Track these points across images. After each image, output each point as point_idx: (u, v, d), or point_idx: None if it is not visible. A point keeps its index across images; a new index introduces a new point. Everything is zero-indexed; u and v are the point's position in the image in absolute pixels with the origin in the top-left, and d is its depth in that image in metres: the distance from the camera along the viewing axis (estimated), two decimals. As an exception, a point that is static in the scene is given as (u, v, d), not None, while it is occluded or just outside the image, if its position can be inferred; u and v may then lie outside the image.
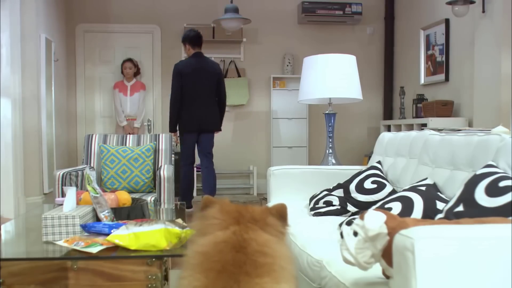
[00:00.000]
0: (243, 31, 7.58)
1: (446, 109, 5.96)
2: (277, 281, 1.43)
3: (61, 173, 3.74)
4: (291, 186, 3.66)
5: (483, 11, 5.22)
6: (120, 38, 7.62)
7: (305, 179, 3.67)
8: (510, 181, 1.93)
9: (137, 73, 7.19)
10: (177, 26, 7.65)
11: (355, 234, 1.68)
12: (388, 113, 7.91)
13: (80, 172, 3.93)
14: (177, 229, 1.88)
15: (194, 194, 7.42)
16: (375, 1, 8.00)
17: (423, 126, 5.96)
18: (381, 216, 1.65)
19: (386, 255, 1.65)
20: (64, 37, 7.33)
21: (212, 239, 1.57)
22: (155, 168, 4.22)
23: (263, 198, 7.08)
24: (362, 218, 1.68)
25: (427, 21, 6.78)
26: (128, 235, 1.87)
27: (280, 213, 1.70)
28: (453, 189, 2.49)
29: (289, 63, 7.83)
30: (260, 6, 7.81)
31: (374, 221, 1.64)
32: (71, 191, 2.14)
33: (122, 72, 7.15)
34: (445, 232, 1.38)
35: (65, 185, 3.72)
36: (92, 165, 4.24)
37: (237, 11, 6.36)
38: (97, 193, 2.23)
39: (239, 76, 7.79)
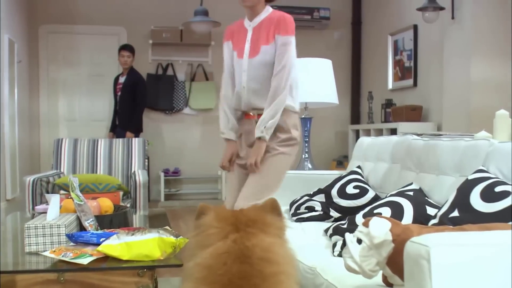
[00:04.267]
0: (212, 35, 7.50)
1: (415, 113, 6.03)
2: None
3: (31, 179, 3.60)
4: (270, 191, 3.61)
5: (453, 18, 5.31)
6: (85, 40, 7.42)
7: (284, 184, 3.61)
8: (506, 186, 1.93)
9: None
10: (144, 29, 7.51)
11: (359, 241, 1.64)
12: (355, 118, 7.97)
13: (51, 178, 3.79)
14: (172, 238, 1.80)
15: (162, 198, 7.29)
16: (342, 7, 8.05)
17: (392, 130, 6.02)
18: (386, 223, 1.62)
19: (391, 262, 1.62)
20: (27, 38, 7.10)
21: (214, 251, 1.50)
22: (129, 173, 4.11)
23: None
24: (366, 225, 1.65)
25: (395, 27, 6.86)
26: (119, 245, 1.78)
27: (274, 208, 1.63)
28: (440, 194, 2.49)
29: (258, 67, 7.78)
30: (228, 9, 7.72)
31: (380, 228, 1.60)
32: (55, 199, 2.04)
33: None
34: (460, 239, 1.36)
35: (35, 192, 3.58)
36: (62, 170, 4.10)
37: (207, 14, 6.30)
38: (81, 201, 2.13)
39: (207, 79, 7.71)
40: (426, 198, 2.50)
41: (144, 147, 4.22)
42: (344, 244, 2.22)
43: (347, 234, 1.70)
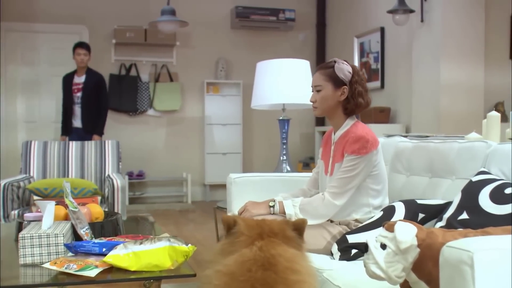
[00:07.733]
0: (177, 35, 7.37)
1: (383, 115, 6.08)
2: None
3: (2, 184, 3.40)
4: (253, 194, 3.52)
5: (422, 20, 5.38)
6: (44, 39, 7.15)
7: (267, 187, 3.55)
8: (515, 188, 1.92)
9: None
10: (106, 28, 7.30)
11: (383, 247, 1.60)
12: (321, 119, 7.97)
13: (21, 183, 3.60)
14: (184, 246, 1.71)
15: (127, 202, 7.10)
16: (308, 8, 8.06)
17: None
18: (413, 228, 1.58)
19: (416, 268, 1.58)
20: (-18, 36, 6.78)
21: (239, 258, 1.47)
22: (102, 177, 3.96)
23: (217, 207, 6.82)
24: (390, 229, 1.60)
25: (362, 29, 6.90)
26: (127, 255, 1.68)
27: (298, 227, 1.67)
28: (435, 196, 2.48)
29: (223, 68, 7.71)
30: (193, 10, 7.63)
31: (406, 233, 1.56)
32: (50, 206, 1.91)
33: None
34: (503, 243, 1.32)
35: (6, 197, 3.39)
36: (31, 174, 3.90)
37: (174, 14, 6.16)
38: (75, 207, 2.01)
39: (171, 80, 7.57)
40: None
41: (118, 150, 4.08)
42: (346, 248, 2.19)
43: (369, 239, 1.64)
